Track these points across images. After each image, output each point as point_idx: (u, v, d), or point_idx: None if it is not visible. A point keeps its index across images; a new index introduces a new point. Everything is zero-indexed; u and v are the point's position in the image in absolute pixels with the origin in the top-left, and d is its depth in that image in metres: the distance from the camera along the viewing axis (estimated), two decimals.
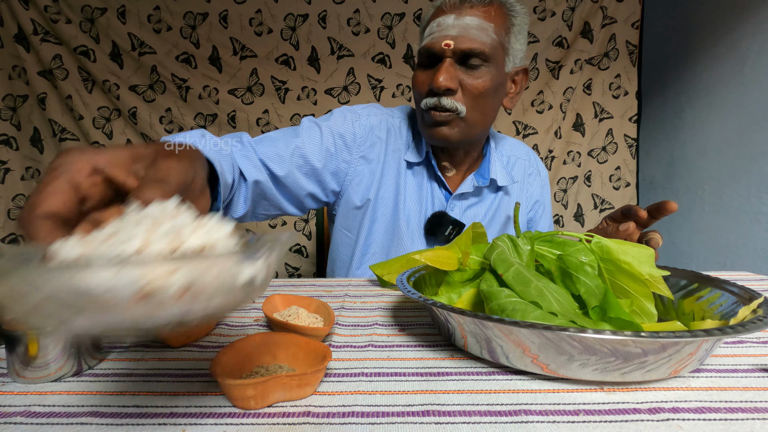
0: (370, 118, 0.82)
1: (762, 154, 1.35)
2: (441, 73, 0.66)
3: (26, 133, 1.78)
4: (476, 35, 0.67)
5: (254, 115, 1.79)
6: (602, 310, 0.37)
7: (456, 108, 0.69)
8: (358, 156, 0.79)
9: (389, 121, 0.83)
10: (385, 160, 0.81)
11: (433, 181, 0.81)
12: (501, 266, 0.40)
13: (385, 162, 0.81)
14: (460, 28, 0.67)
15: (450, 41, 0.67)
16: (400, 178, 0.80)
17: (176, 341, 0.42)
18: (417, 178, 0.81)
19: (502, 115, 1.81)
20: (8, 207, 1.80)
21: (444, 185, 0.80)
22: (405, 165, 0.81)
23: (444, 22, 0.68)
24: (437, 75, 0.67)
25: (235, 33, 1.76)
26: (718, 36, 1.52)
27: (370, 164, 0.80)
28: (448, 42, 0.67)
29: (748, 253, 1.39)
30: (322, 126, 0.77)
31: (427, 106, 0.70)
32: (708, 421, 0.28)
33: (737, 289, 0.40)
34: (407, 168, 0.81)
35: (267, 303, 0.47)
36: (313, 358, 0.35)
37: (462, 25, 0.67)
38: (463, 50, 0.67)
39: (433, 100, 0.69)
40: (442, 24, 0.68)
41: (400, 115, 0.85)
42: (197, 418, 0.29)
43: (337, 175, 0.79)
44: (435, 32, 0.69)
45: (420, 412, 0.30)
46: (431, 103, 0.69)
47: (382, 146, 0.81)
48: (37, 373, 0.34)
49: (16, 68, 1.74)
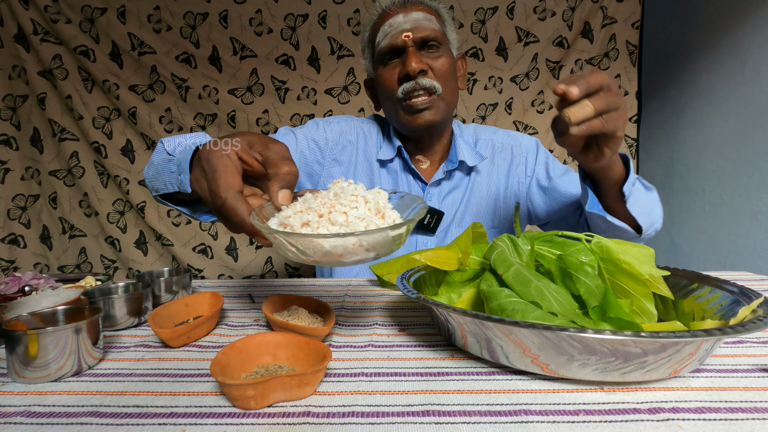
0: (341, 124, 0.88)
1: (762, 154, 1.35)
2: (411, 58, 0.73)
3: (26, 133, 1.78)
4: (427, 24, 0.75)
5: (254, 115, 1.79)
6: (602, 310, 0.37)
7: (434, 86, 0.75)
8: (330, 159, 0.86)
9: (360, 126, 0.89)
10: (356, 162, 0.87)
11: (408, 173, 0.86)
12: (501, 266, 0.39)
13: (356, 163, 0.86)
14: (411, 21, 0.75)
15: (408, 32, 0.75)
16: (374, 177, 0.86)
17: (176, 341, 0.42)
18: (392, 174, 0.86)
19: (503, 115, 1.81)
20: (8, 207, 1.80)
21: (419, 177, 0.85)
22: (378, 165, 0.86)
23: (395, 21, 0.76)
24: (408, 61, 0.73)
25: (235, 33, 1.76)
26: (718, 36, 1.52)
27: (341, 166, 0.86)
28: (407, 34, 0.75)
29: (748, 253, 1.39)
30: (297, 132, 0.84)
31: (405, 90, 0.75)
32: (708, 421, 0.28)
33: (737, 289, 0.40)
34: (381, 167, 0.86)
35: (267, 303, 0.47)
36: (313, 358, 0.35)
37: (412, 20, 0.75)
38: (421, 37, 0.75)
39: (410, 84, 0.74)
40: (393, 23, 0.76)
41: (369, 121, 0.92)
42: (197, 418, 0.29)
43: (311, 176, 0.85)
44: (390, 31, 0.76)
45: (420, 412, 0.30)
46: (408, 87, 0.74)
47: (353, 149, 0.87)
48: (37, 373, 0.34)
49: (16, 68, 1.74)
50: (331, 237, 0.33)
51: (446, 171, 0.83)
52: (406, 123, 0.78)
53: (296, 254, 0.36)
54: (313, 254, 0.35)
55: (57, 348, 0.35)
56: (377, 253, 0.36)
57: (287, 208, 0.38)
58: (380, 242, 0.35)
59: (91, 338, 0.37)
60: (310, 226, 0.36)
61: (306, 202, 0.38)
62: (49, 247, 1.84)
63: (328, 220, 0.36)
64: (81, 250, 1.84)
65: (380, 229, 0.34)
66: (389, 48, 0.76)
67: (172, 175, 0.56)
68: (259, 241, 0.40)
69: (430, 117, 0.76)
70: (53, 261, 1.85)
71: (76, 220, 1.82)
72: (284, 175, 0.40)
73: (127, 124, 1.78)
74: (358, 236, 0.33)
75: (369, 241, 0.34)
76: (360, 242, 0.34)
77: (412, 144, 0.85)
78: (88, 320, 0.37)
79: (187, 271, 0.58)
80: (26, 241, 1.82)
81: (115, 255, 1.85)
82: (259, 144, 0.43)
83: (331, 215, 0.36)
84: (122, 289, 0.52)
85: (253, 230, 0.39)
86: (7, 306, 0.44)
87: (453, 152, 0.84)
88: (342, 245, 0.34)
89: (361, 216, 0.36)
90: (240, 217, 0.38)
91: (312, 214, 0.36)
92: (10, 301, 0.48)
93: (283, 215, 0.37)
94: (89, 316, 0.38)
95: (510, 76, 1.80)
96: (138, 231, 1.83)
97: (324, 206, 0.37)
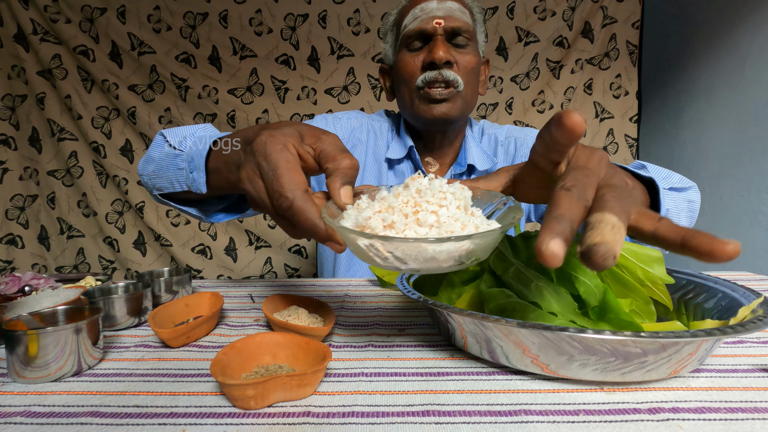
0: (351, 120, 0.84)
1: (762, 154, 1.35)
2: (439, 46, 0.69)
3: (24, 133, 1.78)
4: (460, 16, 0.72)
5: (254, 115, 1.79)
6: (602, 310, 0.37)
7: (457, 80, 0.71)
8: None
9: (370, 123, 0.85)
10: (366, 162, 0.82)
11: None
12: (500, 266, 0.39)
13: (365, 164, 0.82)
14: (445, 10, 0.71)
15: (440, 20, 0.70)
16: (381, 179, 0.82)
17: (176, 341, 0.42)
18: (399, 176, 0.83)
19: (503, 115, 1.81)
20: (6, 207, 1.80)
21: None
22: (386, 166, 0.82)
23: (428, 7, 0.71)
24: (436, 48, 0.69)
25: (235, 33, 1.76)
26: (718, 36, 1.52)
27: None
28: (438, 20, 0.70)
29: (748, 253, 1.39)
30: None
31: (427, 80, 0.70)
32: (708, 421, 0.28)
33: (737, 289, 0.40)
34: (389, 168, 0.82)
35: (267, 303, 0.47)
36: (313, 358, 0.35)
37: (446, 8, 0.71)
38: (453, 27, 0.71)
39: (433, 74, 0.70)
40: (426, 8, 0.71)
41: (379, 117, 0.87)
42: (197, 418, 0.29)
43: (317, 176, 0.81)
44: (421, 15, 0.72)
45: (420, 412, 0.30)
46: (431, 76, 0.70)
47: (363, 148, 0.83)
48: (37, 373, 0.34)
49: (15, 68, 1.74)
50: (442, 242, 0.29)
51: (454, 174, 0.80)
52: (420, 113, 0.73)
53: (389, 260, 0.31)
54: (412, 261, 0.31)
55: (57, 348, 0.35)
56: (477, 257, 0.32)
57: (354, 207, 0.34)
58: (489, 245, 0.32)
59: (91, 338, 0.37)
60: (395, 227, 0.31)
61: (385, 200, 0.34)
62: (47, 248, 1.84)
63: (416, 220, 0.32)
64: (79, 250, 1.84)
65: (491, 231, 0.30)
66: (417, 32, 0.72)
67: (180, 172, 0.51)
68: (331, 246, 0.35)
69: (446, 110, 0.72)
70: (51, 262, 1.85)
71: (75, 220, 1.82)
72: (345, 170, 0.35)
73: (126, 124, 1.78)
74: (472, 240, 0.30)
75: (480, 244, 0.31)
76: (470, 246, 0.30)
77: (422, 144, 0.81)
78: (88, 320, 0.37)
79: (187, 271, 0.58)
80: (24, 241, 1.82)
81: (113, 255, 1.84)
82: (310, 136, 0.38)
83: (418, 215, 0.32)
84: (122, 289, 0.52)
85: (327, 235, 0.33)
86: (7, 306, 0.44)
87: (462, 155, 0.80)
88: (448, 250, 0.30)
89: (454, 215, 0.32)
90: (311, 221, 0.33)
91: (397, 214, 0.32)
92: (10, 301, 0.48)
93: (361, 216, 0.33)
94: (89, 316, 0.38)
95: (510, 76, 1.80)
96: (137, 231, 1.83)
97: (408, 205, 0.32)
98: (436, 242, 0.29)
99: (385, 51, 0.82)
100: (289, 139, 0.36)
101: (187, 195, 0.54)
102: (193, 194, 0.52)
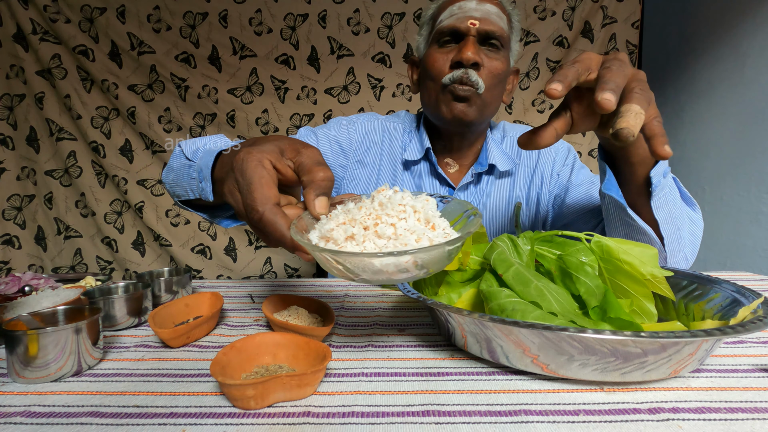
0: (365, 123, 0.83)
1: (762, 154, 1.35)
2: (469, 47, 0.69)
3: (22, 133, 1.78)
4: (496, 20, 0.71)
5: (253, 115, 1.79)
6: (602, 310, 0.37)
7: (478, 83, 0.70)
8: (354, 161, 0.81)
9: (385, 125, 0.84)
10: (381, 164, 0.82)
11: (434, 177, 0.81)
12: (501, 266, 0.39)
13: (381, 166, 0.82)
14: (482, 11, 0.71)
15: (475, 21, 0.70)
16: (397, 181, 0.81)
17: (176, 341, 0.42)
18: (415, 177, 0.81)
19: (504, 115, 1.81)
20: (3, 207, 1.80)
21: (446, 181, 0.80)
22: (402, 168, 0.81)
23: (466, 6, 0.71)
24: (466, 48, 0.69)
25: (235, 33, 1.76)
26: (718, 36, 1.52)
27: (365, 168, 0.82)
28: (473, 21, 0.70)
29: (748, 253, 1.40)
30: (318, 133, 0.80)
31: (453, 78, 0.70)
32: (708, 421, 0.28)
33: (737, 289, 0.40)
34: (404, 170, 0.82)
35: (267, 303, 0.47)
36: (313, 358, 0.35)
37: (484, 10, 0.71)
38: (487, 31, 0.70)
39: (459, 72, 0.70)
40: (464, 7, 0.71)
41: (395, 119, 0.86)
42: (197, 418, 0.29)
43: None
44: (458, 13, 0.71)
45: (420, 412, 0.30)
46: (457, 75, 0.70)
47: (378, 150, 0.82)
48: (37, 373, 0.34)
49: (14, 68, 1.74)
50: (383, 256, 0.31)
51: (475, 174, 0.79)
52: (442, 111, 0.73)
53: (342, 272, 0.33)
54: (362, 273, 0.33)
55: (57, 348, 0.35)
56: (429, 270, 0.34)
57: (327, 218, 0.36)
58: (436, 258, 0.33)
59: (91, 338, 0.37)
60: (356, 239, 0.33)
61: (349, 212, 0.35)
62: (44, 248, 1.83)
63: (375, 233, 0.33)
64: (76, 251, 1.83)
65: (437, 245, 0.31)
66: (450, 29, 0.71)
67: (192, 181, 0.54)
68: (300, 255, 0.37)
69: (464, 109, 0.71)
70: (47, 262, 1.84)
71: (72, 220, 1.82)
72: (320, 182, 0.38)
73: (125, 124, 1.78)
74: (413, 254, 0.31)
75: (424, 258, 0.32)
76: (414, 259, 0.32)
77: (441, 145, 0.81)
78: (88, 320, 0.37)
79: (187, 271, 0.58)
80: (21, 241, 1.82)
81: (111, 256, 1.84)
82: (290, 150, 0.40)
83: (378, 228, 0.33)
84: (122, 289, 0.52)
85: (294, 245, 0.36)
86: (7, 306, 0.44)
87: (484, 154, 0.80)
88: (394, 263, 0.31)
89: (411, 228, 0.33)
90: (279, 232, 0.36)
91: (357, 227, 0.34)
92: (10, 301, 0.48)
93: (325, 228, 0.35)
94: (89, 316, 0.38)
95: None
96: (136, 231, 1.83)
97: (369, 217, 0.34)
98: (379, 256, 0.31)
99: (418, 43, 0.81)
100: (265, 155, 0.39)
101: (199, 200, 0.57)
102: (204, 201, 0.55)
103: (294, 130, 1.81)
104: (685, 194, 0.59)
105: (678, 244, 0.57)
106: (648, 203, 0.53)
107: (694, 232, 0.60)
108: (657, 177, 0.51)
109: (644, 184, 0.53)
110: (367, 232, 0.33)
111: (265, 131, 1.80)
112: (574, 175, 0.80)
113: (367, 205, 0.36)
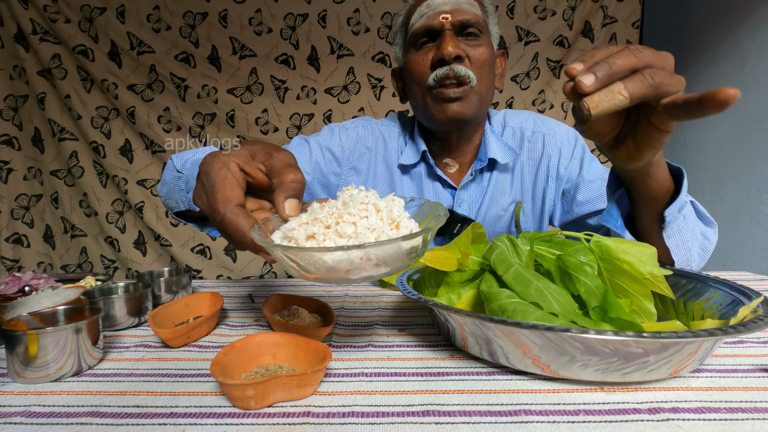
0: (358, 129, 0.82)
1: (762, 154, 1.35)
2: (447, 41, 0.67)
3: (27, 133, 1.79)
4: (468, 8, 0.69)
5: (253, 115, 1.79)
6: (602, 311, 0.37)
7: (468, 76, 0.68)
8: (348, 167, 0.80)
9: (379, 129, 0.82)
10: (375, 170, 0.80)
11: (434, 179, 0.79)
12: (501, 267, 0.39)
13: (375, 171, 0.80)
14: (452, 3, 0.69)
15: (447, 15, 0.68)
16: (395, 185, 0.79)
17: (176, 341, 0.42)
18: (415, 181, 0.80)
19: None
20: (11, 207, 1.80)
21: (446, 182, 0.78)
22: (399, 172, 0.80)
23: (434, 2, 0.69)
24: (444, 44, 0.67)
25: (235, 32, 1.76)
26: (718, 36, 1.52)
27: (360, 175, 0.81)
28: (445, 16, 0.68)
29: (748, 253, 1.40)
30: (310, 141, 0.79)
31: (438, 77, 0.68)
32: (708, 421, 0.28)
33: (737, 289, 0.40)
34: (403, 174, 0.80)
35: (267, 303, 0.47)
36: (313, 358, 0.35)
37: (453, 2, 0.69)
38: (461, 21, 0.69)
39: (443, 70, 0.67)
40: (431, 4, 0.69)
41: (389, 122, 0.84)
42: (197, 418, 0.29)
43: (327, 187, 0.80)
44: (427, 12, 0.70)
45: (420, 412, 0.30)
46: (441, 73, 0.67)
47: (371, 156, 0.81)
48: (37, 373, 0.34)
49: (16, 68, 1.74)
50: (334, 250, 0.30)
51: (475, 171, 0.76)
52: (434, 114, 0.71)
53: (298, 270, 0.32)
54: (316, 270, 0.32)
55: (57, 348, 0.35)
56: (390, 269, 0.33)
57: (294, 219, 0.36)
58: (392, 255, 0.31)
59: (91, 338, 0.37)
60: (316, 238, 0.33)
61: (313, 212, 0.35)
62: (52, 247, 1.84)
63: (336, 231, 0.33)
64: (82, 249, 1.84)
65: (390, 240, 0.30)
66: (424, 29, 0.69)
67: (181, 192, 0.54)
68: (264, 257, 0.37)
69: (459, 109, 0.69)
70: (56, 260, 1.85)
71: (77, 219, 1.82)
72: (289, 184, 0.37)
73: (125, 124, 1.78)
74: (365, 249, 0.30)
75: (378, 254, 0.31)
76: (368, 256, 0.31)
77: (438, 145, 0.78)
78: (88, 320, 0.37)
79: (187, 271, 0.58)
80: (30, 240, 1.83)
81: (114, 255, 1.85)
82: (263, 153, 0.40)
83: (339, 226, 0.33)
84: (122, 289, 0.52)
85: (255, 246, 0.35)
86: (7, 306, 0.44)
87: (483, 149, 0.76)
88: (347, 260, 0.31)
89: (372, 226, 0.33)
90: (241, 233, 0.35)
91: (318, 226, 0.33)
92: (10, 301, 0.48)
93: (286, 228, 0.35)
94: (89, 316, 0.38)
95: (510, 76, 1.80)
96: (137, 231, 1.83)
97: (331, 216, 0.34)
98: (324, 251, 0.30)
99: (396, 53, 0.79)
100: (232, 158, 0.39)
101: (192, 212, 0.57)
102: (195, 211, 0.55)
103: (294, 129, 1.81)
104: (703, 214, 0.57)
105: (687, 261, 0.57)
106: (660, 231, 0.52)
107: (705, 247, 0.59)
108: (671, 214, 0.50)
109: (658, 216, 0.51)
110: (328, 231, 0.33)
111: (264, 131, 1.80)
112: (585, 169, 0.76)
113: (331, 204, 0.36)
